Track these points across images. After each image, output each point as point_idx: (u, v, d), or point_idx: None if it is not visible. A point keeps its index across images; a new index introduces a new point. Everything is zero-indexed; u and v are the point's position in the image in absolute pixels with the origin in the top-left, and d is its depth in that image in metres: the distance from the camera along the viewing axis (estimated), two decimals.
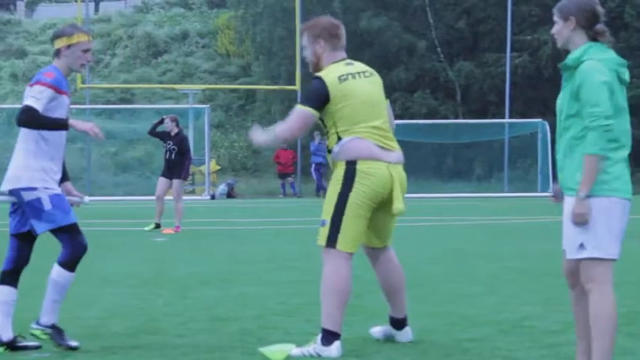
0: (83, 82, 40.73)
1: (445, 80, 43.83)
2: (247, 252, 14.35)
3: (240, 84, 48.50)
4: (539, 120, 39.14)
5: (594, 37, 5.49)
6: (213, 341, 7.06)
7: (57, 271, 6.70)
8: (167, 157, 18.86)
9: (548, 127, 38.37)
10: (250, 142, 7.02)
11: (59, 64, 6.85)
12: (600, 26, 5.49)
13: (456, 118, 42.68)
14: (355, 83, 6.77)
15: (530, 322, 7.74)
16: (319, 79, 6.77)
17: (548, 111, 41.47)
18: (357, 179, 6.62)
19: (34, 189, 6.64)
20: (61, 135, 6.77)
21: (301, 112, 6.77)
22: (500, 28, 42.00)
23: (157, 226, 18.54)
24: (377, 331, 7.15)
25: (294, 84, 38.39)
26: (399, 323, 7.06)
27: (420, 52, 43.73)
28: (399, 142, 6.94)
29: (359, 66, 6.95)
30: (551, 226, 20.64)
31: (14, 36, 56.98)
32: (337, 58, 6.92)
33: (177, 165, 18.68)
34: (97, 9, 63.04)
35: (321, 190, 37.80)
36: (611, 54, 5.48)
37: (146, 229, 18.47)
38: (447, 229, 19.52)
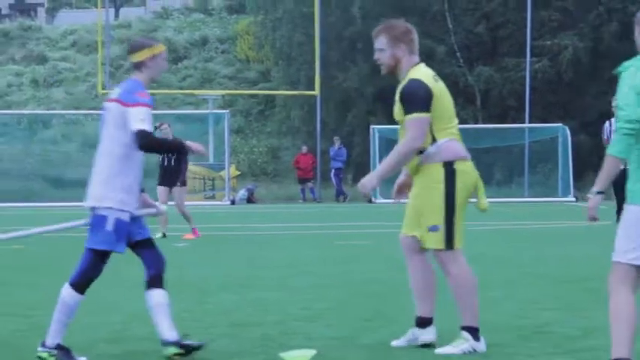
0: (103, 87, 40.85)
1: (465, 85, 43.76)
2: (267, 257, 14.38)
3: (259, 89, 48.57)
4: (560, 125, 39.04)
5: None
6: (234, 347, 7.08)
7: (68, 292, 6.64)
8: (165, 164, 18.44)
9: (568, 132, 38.27)
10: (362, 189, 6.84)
11: (142, 76, 6.75)
12: None
13: (476, 123, 42.60)
14: (441, 83, 7.02)
15: (550, 328, 7.73)
16: (418, 80, 6.84)
17: (568, 115, 41.37)
18: (458, 178, 6.80)
19: (109, 208, 6.58)
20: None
21: (418, 119, 6.75)
22: (519, 33, 41.91)
23: (164, 235, 18.05)
24: (398, 342, 7.09)
25: (313, 89, 38.43)
26: (425, 322, 7.03)
27: (440, 57, 43.67)
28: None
29: None
30: (571, 231, 20.59)
31: (35, 42, 57.26)
32: (416, 62, 7.05)
33: (176, 172, 18.36)
34: (117, 15, 63.30)
35: (340, 195, 37.78)
36: None
37: (156, 235, 18.06)
38: (467, 234, 19.47)
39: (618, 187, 15.65)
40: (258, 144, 46.00)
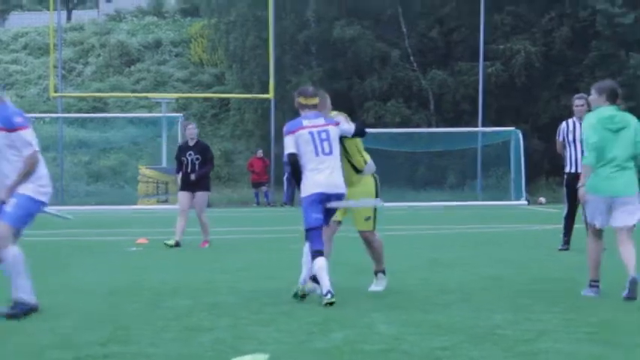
0: (56, 90, 40.56)
1: (418, 89, 43.95)
2: (221, 261, 14.34)
3: (213, 92, 48.48)
4: (512, 128, 39.30)
5: None
6: (186, 351, 7.05)
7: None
8: (189, 170, 17.62)
9: (520, 136, 38.54)
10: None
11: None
12: None
13: (430, 126, 42.80)
14: None
15: (502, 331, 7.77)
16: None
17: (520, 119, 41.69)
18: (379, 185, 10.40)
19: None
20: None
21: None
22: (473, 37, 42.15)
23: (177, 244, 17.19)
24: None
25: (267, 92, 38.39)
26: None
27: (394, 60, 43.84)
28: (373, 150, 8.54)
29: None
30: (523, 234, 20.73)
31: None
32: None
33: (202, 177, 17.64)
34: (69, 17, 62.87)
35: (286, 202, 37.51)
36: None
37: (167, 242, 17.22)
38: (419, 238, 19.57)
39: (571, 192, 15.73)
40: (211, 147, 45.88)
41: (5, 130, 8.68)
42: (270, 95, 38.16)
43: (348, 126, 10.03)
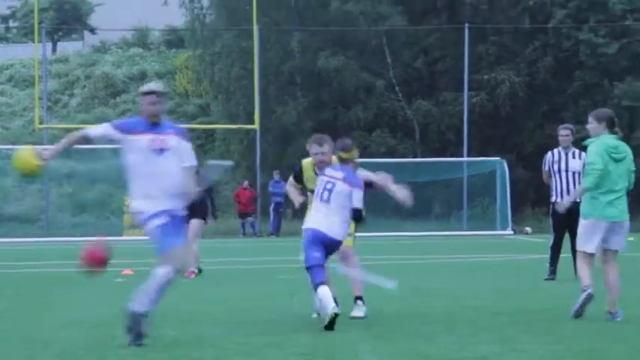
0: (41, 122, 40.52)
1: (403, 119, 44.01)
2: (207, 292, 14.31)
3: (198, 123, 48.48)
4: (497, 158, 39.37)
5: None
6: None
7: None
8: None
9: (506, 166, 38.62)
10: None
11: None
12: None
13: (415, 156, 42.84)
14: None
15: None
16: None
17: (505, 149, 41.78)
18: None
19: None
20: None
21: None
22: (457, 67, 42.30)
23: (200, 270, 17.57)
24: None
25: (252, 123, 38.44)
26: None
27: (378, 91, 43.92)
28: None
29: None
30: (509, 264, 20.75)
31: None
32: None
33: (199, 204, 17.43)
34: (54, 49, 62.89)
35: (273, 232, 37.50)
36: None
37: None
38: (405, 268, 19.56)
39: (558, 222, 15.75)
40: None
41: (184, 139, 9.50)
42: (256, 126, 38.21)
43: (358, 196, 10.35)
